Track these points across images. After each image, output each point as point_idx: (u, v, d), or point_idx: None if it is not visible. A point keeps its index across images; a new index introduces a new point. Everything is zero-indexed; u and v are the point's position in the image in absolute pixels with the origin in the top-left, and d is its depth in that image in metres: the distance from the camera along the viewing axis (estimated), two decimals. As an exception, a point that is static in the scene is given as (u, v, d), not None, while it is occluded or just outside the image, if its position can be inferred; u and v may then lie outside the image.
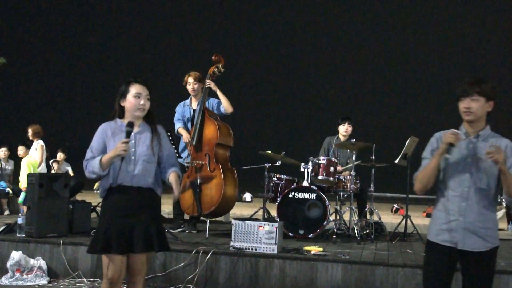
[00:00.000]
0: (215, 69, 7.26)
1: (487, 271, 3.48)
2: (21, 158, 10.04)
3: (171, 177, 3.87)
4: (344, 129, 8.13)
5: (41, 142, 9.79)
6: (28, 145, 10.20)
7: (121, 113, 3.88)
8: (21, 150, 10.10)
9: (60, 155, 11.56)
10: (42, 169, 9.87)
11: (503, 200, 11.76)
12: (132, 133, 3.81)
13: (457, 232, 3.42)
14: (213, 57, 7.31)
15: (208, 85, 7.16)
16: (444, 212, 3.49)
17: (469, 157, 3.44)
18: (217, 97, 7.24)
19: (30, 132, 9.83)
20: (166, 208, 9.56)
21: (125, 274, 3.84)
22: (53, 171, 10.61)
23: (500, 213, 11.51)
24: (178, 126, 7.36)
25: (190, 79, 7.30)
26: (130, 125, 3.77)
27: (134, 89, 3.81)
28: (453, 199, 3.46)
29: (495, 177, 3.43)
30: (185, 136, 7.19)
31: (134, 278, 3.84)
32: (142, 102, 3.81)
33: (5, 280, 6.01)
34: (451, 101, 3.64)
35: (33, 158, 9.76)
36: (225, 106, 7.16)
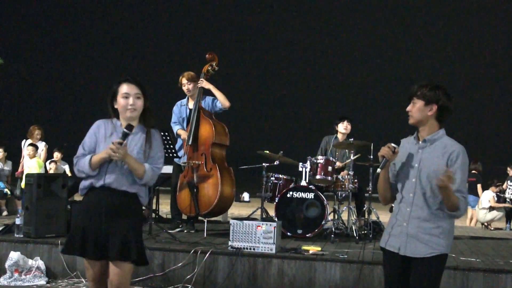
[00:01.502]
0: (209, 68, 7.27)
1: (429, 278, 3.37)
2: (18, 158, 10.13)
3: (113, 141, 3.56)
4: (343, 127, 8.11)
5: (44, 143, 9.94)
6: (36, 146, 10.25)
7: (115, 115, 3.72)
8: (31, 150, 10.11)
9: (57, 155, 11.55)
10: (42, 170, 9.98)
11: (507, 199, 11.80)
12: None
13: (400, 238, 3.41)
14: (207, 55, 7.32)
15: (201, 85, 7.16)
16: (394, 217, 3.49)
17: (416, 162, 3.41)
18: (213, 95, 7.24)
19: (39, 133, 10.00)
20: (164, 208, 9.56)
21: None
22: (51, 171, 10.61)
23: (499, 214, 11.54)
24: (177, 129, 7.38)
25: (184, 80, 7.32)
26: (130, 128, 3.58)
27: (122, 89, 3.63)
28: (400, 205, 3.45)
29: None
30: (184, 136, 7.20)
31: None
32: (131, 102, 3.61)
33: (3, 281, 6.01)
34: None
35: (40, 159, 9.99)
36: (221, 101, 7.17)
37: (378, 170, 3.42)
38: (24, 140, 10.45)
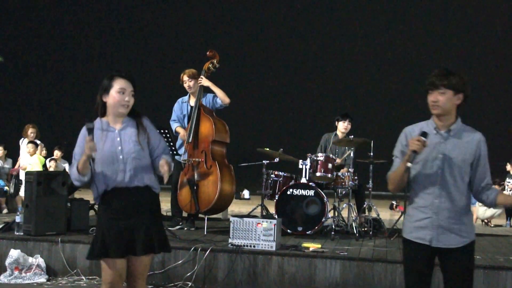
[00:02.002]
0: (210, 65, 7.26)
1: (466, 266, 3.43)
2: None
3: (161, 162, 3.56)
4: (344, 127, 8.11)
5: (39, 142, 9.88)
6: (36, 143, 10.26)
7: (103, 109, 3.61)
8: (31, 148, 10.11)
9: (57, 153, 11.56)
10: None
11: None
12: (116, 131, 3.58)
13: (431, 230, 3.37)
14: (207, 53, 7.31)
15: (200, 83, 7.16)
16: (417, 210, 3.43)
17: (439, 153, 3.36)
18: (213, 92, 7.24)
19: (33, 131, 9.93)
20: (164, 205, 9.54)
21: (125, 278, 3.66)
22: (51, 169, 10.62)
23: (499, 210, 11.54)
24: (175, 126, 7.38)
25: (185, 77, 7.31)
26: (90, 121, 3.52)
27: (118, 84, 3.54)
28: (425, 196, 3.39)
29: (467, 173, 3.37)
30: (182, 134, 7.19)
31: (136, 283, 3.64)
32: (126, 98, 3.54)
33: (3, 278, 6.01)
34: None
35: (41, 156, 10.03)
36: (221, 98, 7.17)
37: (409, 164, 3.30)
38: (22, 138, 10.46)
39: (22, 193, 8.89)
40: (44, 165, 10.82)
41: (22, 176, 9.17)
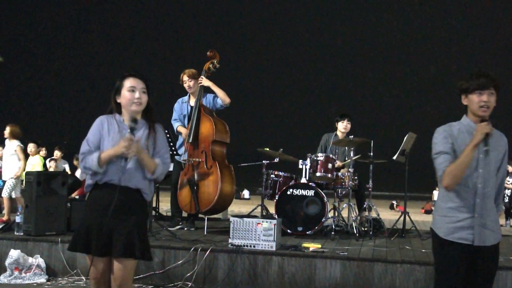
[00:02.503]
0: (210, 65, 7.26)
1: (495, 264, 3.51)
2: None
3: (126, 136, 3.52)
4: (343, 127, 8.11)
5: (19, 143, 8.95)
6: (38, 143, 10.20)
7: (117, 110, 3.66)
8: (33, 147, 10.04)
9: (57, 153, 11.56)
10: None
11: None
12: (129, 131, 3.57)
13: (473, 229, 3.38)
14: (208, 53, 7.31)
15: (201, 83, 7.16)
16: (457, 210, 3.40)
17: (481, 153, 3.36)
18: (214, 93, 7.24)
19: (8, 131, 8.84)
20: (164, 206, 9.56)
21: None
22: (51, 169, 10.62)
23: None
24: (177, 126, 7.38)
25: (185, 77, 7.32)
26: (134, 121, 3.57)
27: (128, 82, 3.59)
28: (466, 196, 3.38)
29: (496, 171, 3.44)
30: (184, 133, 7.20)
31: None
32: (137, 95, 3.57)
33: (3, 279, 6.01)
34: (449, 97, 3.57)
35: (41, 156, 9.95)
36: (221, 97, 7.17)
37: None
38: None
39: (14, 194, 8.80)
40: (44, 165, 10.83)
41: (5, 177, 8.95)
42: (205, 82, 7.18)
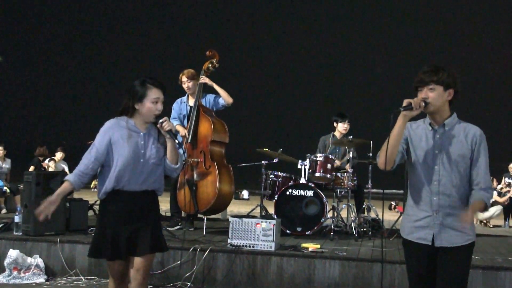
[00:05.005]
0: (210, 65, 7.26)
1: (464, 266, 3.33)
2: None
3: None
4: (343, 128, 8.08)
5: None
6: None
7: (131, 114, 3.68)
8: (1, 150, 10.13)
9: (59, 154, 11.56)
10: None
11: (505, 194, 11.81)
12: (141, 133, 3.66)
13: (432, 229, 3.28)
14: (207, 53, 7.31)
15: (203, 81, 7.16)
16: (416, 208, 3.34)
17: (436, 149, 3.29)
18: (214, 93, 7.24)
19: None
20: (164, 206, 9.54)
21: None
22: (50, 169, 10.62)
23: (497, 210, 11.53)
24: (175, 124, 7.36)
25: (184, 78, 7.32)
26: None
27: (153, 94, 3.62)
28: (424, 194, 3.30)
29: (466, 169, 3.28)
30: (182, 131, 7.19)
31: (137, 282, 3.65)
32: (159, 108, 3.63)
33: (2, 279, 6.00)
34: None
35: None
36: (224, 97, 7.17)
37: (402, 109, 3.17)
38: None
39: None
40: (42, 165, 10.84)
41: None
42: (208, 81, 7.17)
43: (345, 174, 7.46)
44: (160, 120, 3.62)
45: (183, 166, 7.34)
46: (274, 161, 7.70)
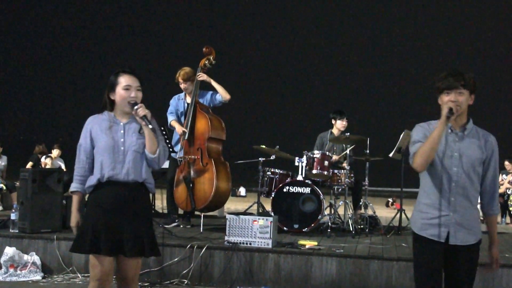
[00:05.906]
0: (206, 62, 7.24)
1: (474, 264, 3.46)
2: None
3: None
4: (342, 125, 8.07)
5: None
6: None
7: (110, 107, 3.62)
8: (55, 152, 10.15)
9: (56, 151, 11.52)
10: None
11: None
12: (121, 124, 3.59)
13: (448, 227, 3.38)
14: (204, 49, 7.29)
15: (201, 79, 7.14)
16: (433, 207, 3.42)
17: (455, 151, 3.39)
18: (211, 89, 7.22)
19: None
20: (160, 203, 9.55)
21: (114, 276, 3.62)
22: (47, 167, 10.59)
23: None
24: (171, 119, 7.33)
25: (180, 79, 7.29)
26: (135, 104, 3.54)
27: (123, 80, 3.55)
28: (441, 194, 3.40)
29: (480, 172, 3.43)
30: (178, 129, 7.17)
31: (128, 286, 3.59)
32: (132, 94, 3.54)
33: (-2, 276, 5.99)
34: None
35: None
36: (222, 93, 7.16)
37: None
38: None
39: None
40: (40, 162, 10.81)
41: None
42: (206, 78, 7.15)
43: (342, 171, 7.46)
44: (135, 107, 3.52)
45: (171, 159, 7.31)
46: (271, 158, 7.69)
